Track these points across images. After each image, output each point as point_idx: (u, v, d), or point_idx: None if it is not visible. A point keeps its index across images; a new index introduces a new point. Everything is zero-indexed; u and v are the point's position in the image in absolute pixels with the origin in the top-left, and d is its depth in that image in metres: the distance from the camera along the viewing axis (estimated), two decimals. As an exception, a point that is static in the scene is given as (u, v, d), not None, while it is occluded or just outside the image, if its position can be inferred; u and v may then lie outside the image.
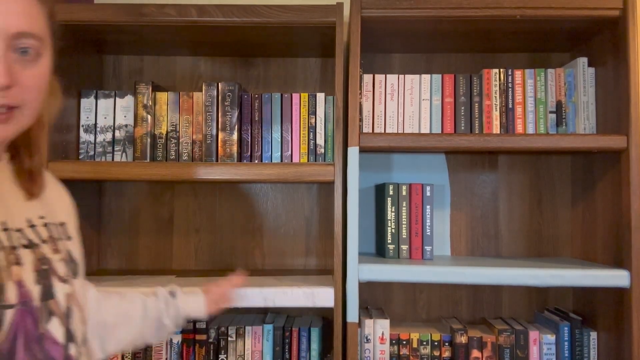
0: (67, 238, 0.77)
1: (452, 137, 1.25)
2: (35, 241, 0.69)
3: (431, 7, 1.24)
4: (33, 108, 0.66)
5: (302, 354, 1.34)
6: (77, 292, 0.74)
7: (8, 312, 0.62)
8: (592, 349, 1.33)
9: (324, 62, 1.57)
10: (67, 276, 0.72)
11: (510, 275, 1.21)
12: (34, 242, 0.69)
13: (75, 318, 0.71)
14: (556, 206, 1.53)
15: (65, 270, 0.72)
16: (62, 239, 0.75)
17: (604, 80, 1.32)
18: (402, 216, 1.35)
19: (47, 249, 0.70)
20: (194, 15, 1.26)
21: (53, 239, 0.73)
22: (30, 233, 0.69)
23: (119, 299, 0.94)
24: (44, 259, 0.69)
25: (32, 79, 0.65)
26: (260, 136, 1.34)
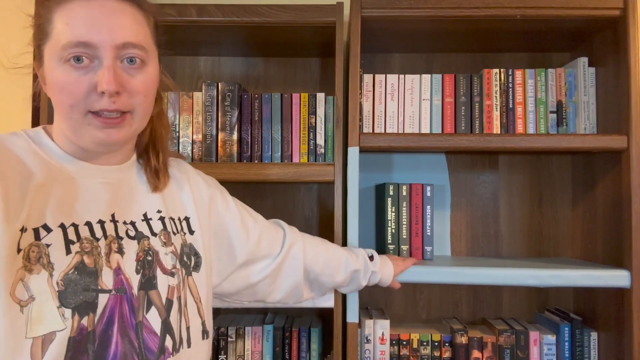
0: (189, 232, 0.82)
1: (452, 137, 1.25)
2: (145, 233, 0.74)
3: (431, 7, 1.24)
4: (142, 112, 0.73)
5: (302, 354, 1.34)
6: (189, 285, 0.78)
7: (102, 297, 0.66)
8: (592, 349, 1.32)
9: (324, 62, 1.57)
10: (175, 269, 0.76)
11: (510, 276, 1.21)
12: (144, 234, 0.74)
13: (175, 311, 0.74)
14: (556, 206, 1.52)
15: (174, 263, 0.76)
16: (179, 232, 0.80)
17: (604, 80, 1.32)
18: (402, 216, 1.35)
19: (157, 241, 0.75)
20: (194, 15, 1.26)
21: (167, 233, 0.77)
22: (142, 226, 0.74)
23: (325, 250, 1.07)
24: (150, 250, 0.73)
25: (139, 85, 0.70)
26: (260, 136, 1.34)
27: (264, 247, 0.97)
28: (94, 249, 0.67)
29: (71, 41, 0.65)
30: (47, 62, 0.69)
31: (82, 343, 0.64)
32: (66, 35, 0.65)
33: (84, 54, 0.66)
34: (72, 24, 0.66)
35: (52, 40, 0.67)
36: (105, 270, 0.68)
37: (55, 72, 0.67)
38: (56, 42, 0.66)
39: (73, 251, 0.65)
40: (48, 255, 0.63)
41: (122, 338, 0.67)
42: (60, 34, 0.66)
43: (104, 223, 0.70)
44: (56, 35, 0.66)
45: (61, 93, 0.67)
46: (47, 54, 0.68)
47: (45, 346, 0.61)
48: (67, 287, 0.64)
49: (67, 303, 0.63)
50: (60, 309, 0.63)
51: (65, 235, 0.66)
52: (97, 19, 0.66)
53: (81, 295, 0.65)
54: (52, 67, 0.67)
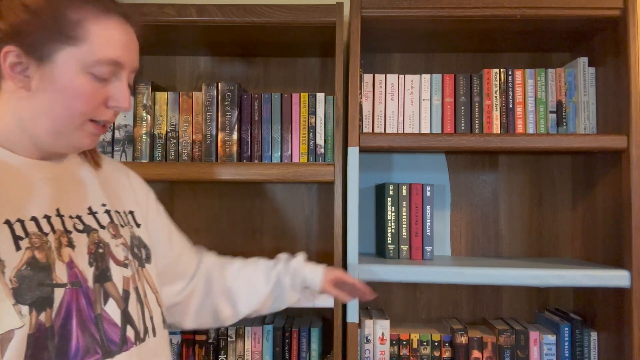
0: (136, 225, 0.82)
1: (452, 137, 1.25)
2: (93, 226, 0.74)
3: (431, 7, 1.24)
4: None
5: (302, 354, 1.34)
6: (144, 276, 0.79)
7: (58, 291, 0.65)
8: (592, 349, 1.32)
9: (324, 62, 1.57)
10: (127, 260, 0.76)
11: (510, 276, 1.21)
12: (92, 227, 0.74)
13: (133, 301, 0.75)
14: (556, 206, 1.52)
15: (125, 254, 0.77)
16: (127, 225, 0.80)
17: (604, 80, 1.32)
18: (402, 216, 1.35)
19: (106, 233, 0.75)
20: (194, 15, 1.26)
21: (114, 225, 0.77)
22: (89, 219, 0.74)
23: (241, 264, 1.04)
24: (101, 242, 0.73)
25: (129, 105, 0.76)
26: (260, 136, 1.34)
27: (183, 263, 0.97)
28: (44, 243, 0.66)
29: (110, 59, 0.70)
30: (63, 65, 0.68)
31: (42, 339, 0.63)
32: (105, 52, 0.69)
33: (112, 72, 0.71)
34: (112, 43, 0.70)
35: (80, 48, 0.68)
36: (58, 264, 0.67)
37: (75, 78, 0.68)
38: (89, 52, 0.68)
39: (23, 247, 0.64)
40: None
41: (82, 332, 0.67)
42: (99, 47, 0.69)
43: (50, 218, 0.69)
44: (91, 46, 0.68)
45: (77, 99, 0.69)
46: (66, 57, 0.68)
47: (5, 345, 0.60)
48: (21, 283, 0.63)
49: (22, 300, 0.62)
50: (17, 306, 0.62)
51: (12, 231, 0.64)
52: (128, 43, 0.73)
53: (37, 290, 0.64)
54: (72, 72, 0.68)
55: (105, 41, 0.69)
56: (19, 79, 0.67)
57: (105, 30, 0.70)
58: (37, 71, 0.68)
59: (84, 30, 0.68)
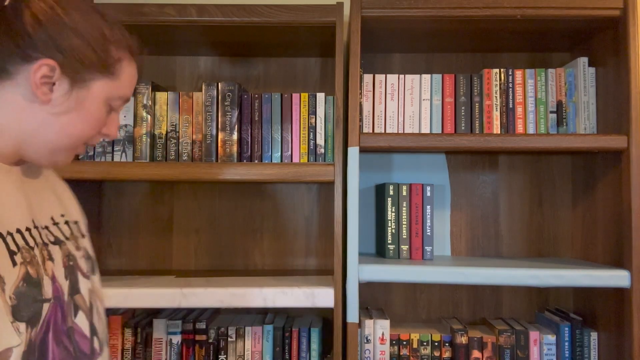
0: (82, 236, 0.82)
1: (452, 137, 1.25)
2: (61, 238, 0.74)
3: (431, 7, 1.24)
4: None
5: (302, 354, 1.34)
6: (96, 288, 0.79)
7: (45, 306, 0.66)
8: (592, 349, 1.32)
9: (324, 62, 1.57)
10: (88, 272, 0.77)
11: (510, 276, 1.21)
12: (60, 239, 0.74)
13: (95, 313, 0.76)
14: (556, 206, 1.52)
15: (86, 266, 0.77)
16: (79, 236, 0.80)
17: (604, 80, 1.32)
18: (402, 216, 1.35)
19: (71, 245, 0.75)
20: (194, 15, 1.26)
21: (74, 236, 0.78)
22: (55, 230, 0.74)
23: None
24: (70, 255, 0.74)
25: None
26: (260, 136, 1.34)
27: None
28: (33, 258, 0.66)
29: (127, 97, 0.76)
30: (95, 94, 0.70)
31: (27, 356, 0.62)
32: (126, 91, 0.75)
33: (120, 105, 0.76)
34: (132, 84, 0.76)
35: (113, 82, 0.72)
36: (45, 279, 0.67)
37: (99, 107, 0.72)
38: (117, 88, 0.73)
39: (18, 262, 0.64)
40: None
41: (57, 345, 0.66)
42: (124, 85, 0.74)
43: (31, 230, 0.68)
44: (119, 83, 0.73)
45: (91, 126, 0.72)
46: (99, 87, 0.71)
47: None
48: (20, 300, 0.62)
49: (20, 317, 0.62)
50: (15, 324, 0.61)
51: (7, 245, 0.63)
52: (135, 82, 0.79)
53: (32, 307, 0.64)
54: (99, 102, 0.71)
55: (129, 81, 0.76)
56: (43, 90, 0.67)
57: (131, 71, 0.76)
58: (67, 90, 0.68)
59: (120, 68, 0.73)
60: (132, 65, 0.76)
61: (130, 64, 0.75)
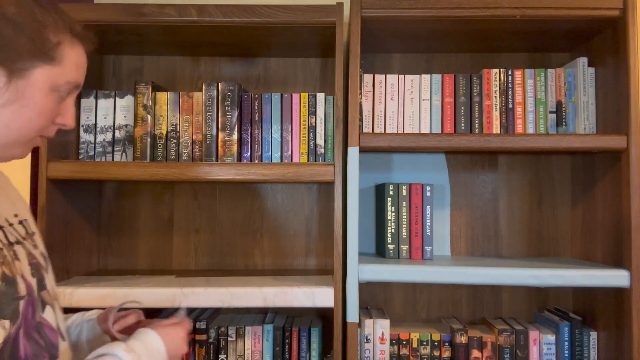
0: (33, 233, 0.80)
1: (452, 137, 1.25)
2: (19, 238, 0.74)
3: (431, 7, 1.24)
4: None
5: (302, 354, 1.34)
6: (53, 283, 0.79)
7: (21, 304, 0.66)
8: (592, 349, 1.33)
9: (324, 62, 1.57)
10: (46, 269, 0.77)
11: (510, 275, 1.21)
12: (19, 239, 0.73)
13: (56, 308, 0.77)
14: (556, 206, 1.53)
15: (44, 263, 0.78)
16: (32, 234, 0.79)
17: (604, 80, 1.32)
18: (402, 216, 1.35)
19: (29, 245, 0.75)
20: (194, 15, 1.26)
21: (29, 235, 0.77)
22: (12, 231, 0.73)
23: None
24: (30, 254, 0.74)
25: None
26: (260, 136, 1.34)
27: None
28: (4, 258, 0.67)
29: (77, 83, 0.73)
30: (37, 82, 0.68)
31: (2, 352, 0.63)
32: (74, 75, 0.72)
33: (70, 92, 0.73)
34: (79, 68, 0.73)
35: (55, 68, 0.70)
36: (18, 278, 0.68)
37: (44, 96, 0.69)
38: (61, 73, 0.70)
39: None
40: None
41: (27, 340, 0.67)
42: (69, 70, 0.71)
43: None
44: (64, 69, 0.71)
45: (40, 116, 0.70)
46: (41, 75, 0.68)
47: None
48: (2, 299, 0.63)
49: (4, 315, 0.63)
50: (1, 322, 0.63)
51: None
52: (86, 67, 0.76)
53: (12, 305, 0.65)
54: (44, 91, 0.69)
55: (75, 65, 0.72)
56: None
57: (76, 55, 0.72)
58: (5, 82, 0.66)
59: (60, 52, 0.70)
60: (76, 47, 0.72)
61: (72, 46, 0.71)
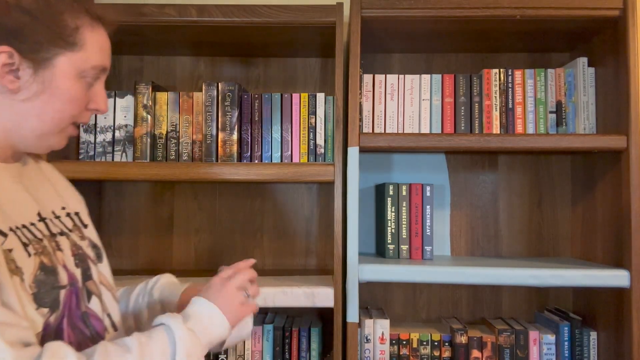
0: (84, 226, 0.82)
1: (452, 137, 1.25)
2: (65, 230, 0.75)
3: (431, 7, 1.24)
4: None
5: (302, 354, 1.34)
6: (104, 274, 0.80)
7: (62, 293, 0.68)
8: (592, 349, 1.33)
9: (324, 62, 1.57)
10: (95, 260, 0.79)
11: (510, 275, 1.21)
12: (65, 230, 0.75)
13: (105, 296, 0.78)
14: (556, 206, 1.53)
15: (93, 254, 0.79)
16: (81, 226, 0.81)
17: (604, 80, 1.32)
18: (402, 216, 1.35)
19: (75, 236, 0.77)
20: (194, 15, 1.26)
21: (77, 227, 0.79)
22: (58, 223, 0.75)
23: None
24: (76, 245, 0.75)
25: None
26: (260, 136, 1.34)
27: None
28: (44, 248, 0.68)
29: (103, 66, 0.73)
30: (62, 70, 0.69)
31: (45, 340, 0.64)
32: (98, 59, 0.72)
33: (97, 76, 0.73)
34: (103, 50, 0.73)
35: (78, 54, 0.70)
36: (59, 268, 0.69)
37: (72, 83, 0.70)
38: (85, 59, 0.70)
39: (31, 253, 0.65)
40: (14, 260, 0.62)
41: (72, 329, 0.68)
42: (93, 54, 0.71)
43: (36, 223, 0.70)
44: (87, 53, 0.70)
45: (70, 104, 0.70)
46: (64, 62, 0.69)
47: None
48: (40, 288, 0.64)
49: (43, 303, 0.64)
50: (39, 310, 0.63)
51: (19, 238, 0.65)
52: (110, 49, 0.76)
53: (51, 294, 0.66)
54: (70, 78, 0.69)
55: (98, 48, 0.72)
56: (9, 79, 0.66)
57: (98, 37, 0.72)
58: (32, 74, 0.67)
59: (81, 36, 0.70)
60: (96, 30, 0.72)
61: (93, 29, 0.71)
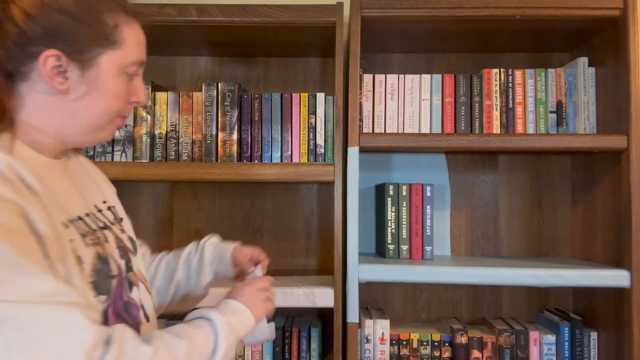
0: (121, 219, 0.85)
1: (452, 137, 1.25)
2: (108, 223, 0.78)
3: (431, 7, 1.24)
4: None
5: (302, 354, 1.34)
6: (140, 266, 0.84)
7: (113, 282, 0.72)
8: (592, 349, 1.33)
9: (324, 62, 1.57)
10: (133, 252, 0.82)
11: (510, 275, 1.21)
12: (107, 224, 0.78)
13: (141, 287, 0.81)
14: (556, 206, 1.52)
15: (131, 247, 0.82)
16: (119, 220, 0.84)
17: (604, 80, 1.32)
18: (402, 216, 1.35)
19: (117, 229, 0.80)
20: (194, 15, 1.26)
21: (117, 220, 0.82)
22: (101, 217, 0.78)
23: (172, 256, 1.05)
24: (118, 237, 0.79)
25: None
26: (260, 136, 1.34)
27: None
28: (97, 239, 0.71)
29: (142, 61, 0.76)
30: (106, 68, 0.71)
31: None
32: (137, 54, 0.74)
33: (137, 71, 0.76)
34: (140, 45, 0.75)
35: (119, 51, 0.71)
36: (109, 258, 0.72)
37: (116, 80, 0.72)
38: (125, 55, 0.72)
39: (89, 243, 0.69)
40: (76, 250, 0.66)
41: (116, 318, 0.71)
42: (132, 50, 0.73)
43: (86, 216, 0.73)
44: (126, 49, 0.72)
45: (115, 99, 0.73)
46: (107, 61, 0.71)
47: None
48: (97, 277, 0.68)
49: (101, 291, 0.68)
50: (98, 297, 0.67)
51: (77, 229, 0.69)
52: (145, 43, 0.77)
53: (106, 282, 0.70)
54: (113, 75, 0.72)
55: (136, 44, 0.74)
56: (59, 81, 0.68)
57: (134, 33, 0.74)
58: (79, 74, 0.69)
59: (120, 34, 0.72)
60: (133, 25, 0.74)
61: (129, 25, 0.73)
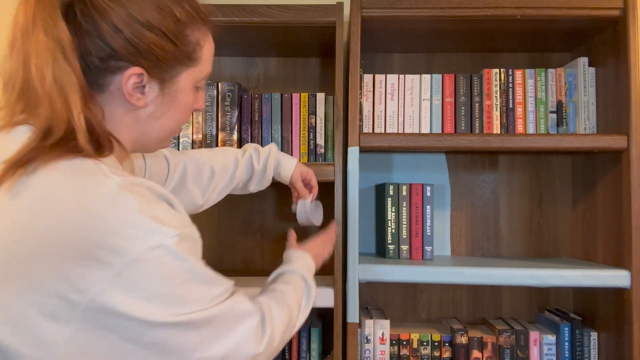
0: None
1: (452, 137, 1.25)
2: None
3: (431, 7, 1.24)
4: None
5: (302, 354, 1.34)
6: None
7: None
8: (592, 349, 1.32)
9: (324, 62, 1.57)
10: None
11: (510, 276, 1.21)
12: None
13: None
14: (556, 206, 1.52)
15: None
16: None
17: (604, 80, 1.32)
18: (402, 216, 1.35)
19: None
20: (193, 15, 1.26)
21: None
22: None
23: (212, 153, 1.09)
24: None
25: None
26: (260, 136, 1.34)
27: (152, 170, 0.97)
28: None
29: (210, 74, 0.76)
30: (184, 85, 0.71)
31: None
32: (209, 69, 0.75)
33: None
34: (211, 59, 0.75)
35: (197, 67, 0.72)
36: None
37: (189, 95, 0.73)
38: (201, 71, 0.73)
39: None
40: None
41: None
42: (207, 65, 0.74)
43: None
44: (202, 65, 0.73)
45: (187, 113, 0.74)
46: (185, 77, 0.71)
47: None
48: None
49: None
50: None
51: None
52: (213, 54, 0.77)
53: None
54: (189, 92, 0.73)
55: (209, 59, 0.74)
56: (137, 97, 0.67)
57: (210, 47, 0.74)
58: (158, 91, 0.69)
59: (201, 52, 0.72)
60: (209, 40, 0.73)
61: (207, 40, 0.73)
